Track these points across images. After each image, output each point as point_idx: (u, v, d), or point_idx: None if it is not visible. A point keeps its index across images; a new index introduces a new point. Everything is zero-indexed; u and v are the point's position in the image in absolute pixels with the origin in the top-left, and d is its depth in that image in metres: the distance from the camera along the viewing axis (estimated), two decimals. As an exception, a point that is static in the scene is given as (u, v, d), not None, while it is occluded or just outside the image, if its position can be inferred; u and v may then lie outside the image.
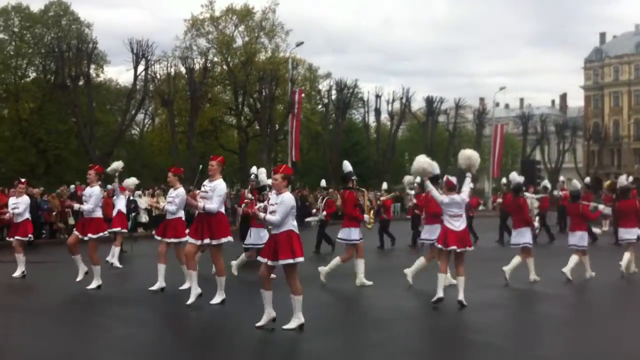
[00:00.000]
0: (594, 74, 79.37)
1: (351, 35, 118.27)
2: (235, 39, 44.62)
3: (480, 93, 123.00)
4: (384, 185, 22.70)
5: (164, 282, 10.53)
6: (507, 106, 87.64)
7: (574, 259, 12.25)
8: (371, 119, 49.62)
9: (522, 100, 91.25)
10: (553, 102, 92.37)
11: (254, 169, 13.34)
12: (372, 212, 12.71)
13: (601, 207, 13.84)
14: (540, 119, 57.96)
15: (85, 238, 10.78)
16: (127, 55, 33.03)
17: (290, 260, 7.45)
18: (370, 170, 46.07)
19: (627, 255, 12.68)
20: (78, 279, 11.07)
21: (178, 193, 10.34)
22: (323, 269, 11.48)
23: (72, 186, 25.21)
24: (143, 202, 24.47)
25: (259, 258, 7.84)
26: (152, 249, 18.93)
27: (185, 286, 10.43)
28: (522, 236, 12.04)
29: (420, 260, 11.36)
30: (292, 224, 7.58)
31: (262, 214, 7.78)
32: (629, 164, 71.90)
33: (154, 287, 10.57)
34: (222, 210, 9.46)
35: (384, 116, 48.97)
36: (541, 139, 56.76)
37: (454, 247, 9.42)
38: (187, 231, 10.02)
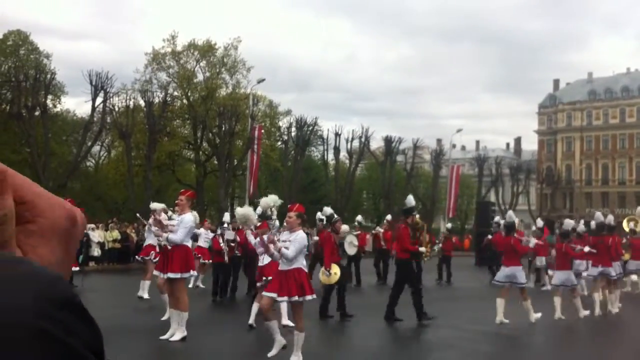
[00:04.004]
0: (547, 119, 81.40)
1: (316, 73, 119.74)
2: (196, 74, 44.62)
3: (439, 134, 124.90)
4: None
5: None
6: (463, 148, 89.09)
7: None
8: (330, 157, 49.90)
9: (478, 142, 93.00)
10: (508, 145, 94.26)
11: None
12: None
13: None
14: (495, 161, 59.01)
15: None
16: (86, 86, 32.69)
17: (299, 298, 7.55)
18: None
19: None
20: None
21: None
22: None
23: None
24: (96, 235, 24.07)
25: (264, 293, 7.89)
26: (103, 283, 18.59)
27: (167, 316, 10.27)
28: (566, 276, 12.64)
29: (501, 302, 11.75)
30: (302, 263, 7.70)
31: (276, 247, 7.66)
32: (581, 207, 73.50)
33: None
34: (189, 244, 9.38)
35: (343, 154, 49.32)
36: (496, 181, 57.69)
37: None
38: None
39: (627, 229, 18.69)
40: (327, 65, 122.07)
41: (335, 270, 11.63)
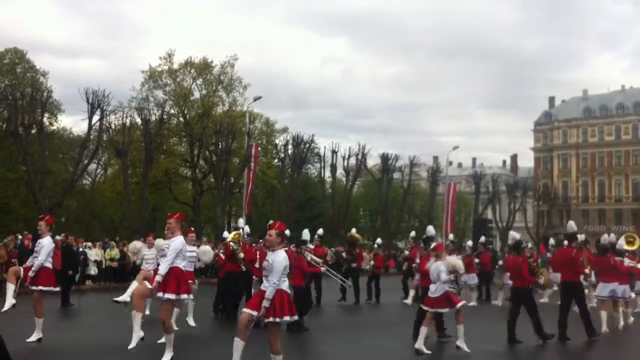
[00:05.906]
0: (543, 137, 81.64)
1: (313, 90, 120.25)
2: (193, 91, 44.67)
3: (436, 151, 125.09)
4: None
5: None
6: (460, 165, 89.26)
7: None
8: (327, 174, 49.93)
9: (474, 159, 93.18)
10: (504, 162, 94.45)
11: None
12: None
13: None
14: (492, 178, 59.03)
15: (34, 287, 10.28)
16: (83, 104, 32.59)
17: (276, 319, 7.23)
18: (325, 225, 46.05)
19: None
20: (3, 309, 10.27)
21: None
22: None
23: (20, 236, 24.53)
24: (93, 254, 23.98)
25: (244, 309, 7.44)
26: (100, 303, 18.44)
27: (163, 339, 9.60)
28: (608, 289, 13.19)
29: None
30: (286, 284, 7.43)
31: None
32: (577, 224, 73.37)
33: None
34: (181, 266, 9.05)
35: (340, 172, 49.34)
36: (493, 198, 57.67)
37: None
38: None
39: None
40: (324, 82, 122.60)
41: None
